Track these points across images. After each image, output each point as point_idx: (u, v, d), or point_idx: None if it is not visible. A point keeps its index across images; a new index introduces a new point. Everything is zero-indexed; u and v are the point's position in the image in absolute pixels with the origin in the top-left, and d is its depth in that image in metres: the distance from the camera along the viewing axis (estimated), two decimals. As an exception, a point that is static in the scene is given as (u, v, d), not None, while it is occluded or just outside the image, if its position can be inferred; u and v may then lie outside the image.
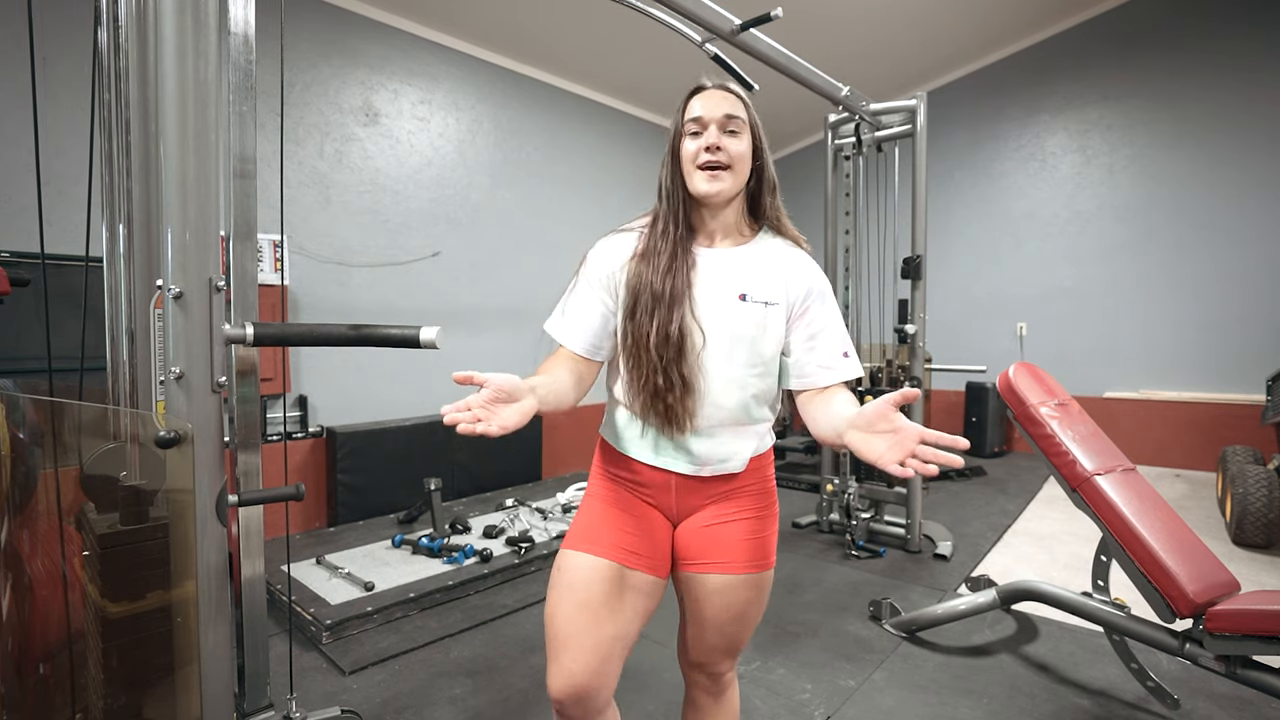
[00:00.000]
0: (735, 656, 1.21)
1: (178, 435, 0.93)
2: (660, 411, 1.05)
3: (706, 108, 1.06)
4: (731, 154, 1.05)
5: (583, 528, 1.13)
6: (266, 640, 1.54)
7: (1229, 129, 4.82)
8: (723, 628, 1.13)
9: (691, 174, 1.06)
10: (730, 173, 1.06)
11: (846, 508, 3.35)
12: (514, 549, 3.00)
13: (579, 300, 1.12)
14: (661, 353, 1.03)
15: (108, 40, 1.12)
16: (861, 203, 3.60)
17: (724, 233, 1.12)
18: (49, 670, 1.15)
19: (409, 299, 4.25)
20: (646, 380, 1.05)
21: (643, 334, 1.04)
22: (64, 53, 2.86)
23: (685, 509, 1.13)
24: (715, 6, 2.24)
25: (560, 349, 1.11)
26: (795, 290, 1.10)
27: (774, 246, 1.13)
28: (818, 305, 1.11)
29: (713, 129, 1.05)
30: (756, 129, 1.10)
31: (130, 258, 1.05)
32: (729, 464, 1.10)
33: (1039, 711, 1.88)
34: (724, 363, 1.06)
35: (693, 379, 1.04)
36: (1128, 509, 1.80)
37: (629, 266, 1.09)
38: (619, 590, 1.06)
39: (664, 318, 1.03)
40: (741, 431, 1.11)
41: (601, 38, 4.72)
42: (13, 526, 1.13)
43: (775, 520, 1.18)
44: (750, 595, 1.12)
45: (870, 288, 3.81)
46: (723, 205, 1.09)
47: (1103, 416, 4.45)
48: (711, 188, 1.05)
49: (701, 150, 1.05)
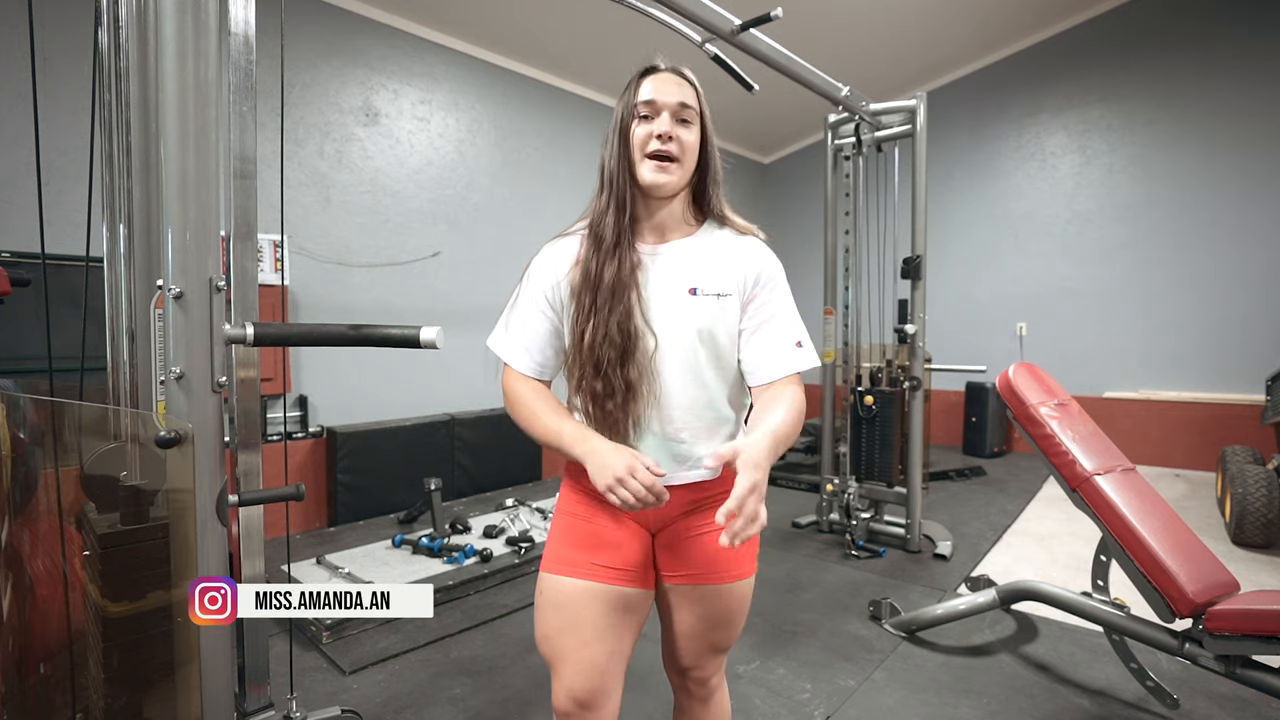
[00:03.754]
0: (721, 659, 1.17)
1: (178, 435, 0.92)
2: (599, 417, 1.01)
3: (660, 91, 1.01)
4: (683, 145, 1.01)
5: (558, 548, 1.09)
6: (266, 640, 1.54)
7: (1229, 129, 4.82)
8: (705, 635, 1.11)
9: (641, 162, 1.01)
10: (679, 165, 1.01)
11: (846, 508, 3.35)
12: (514, 549, 3.00)
13: (523, 318, 1.07)
14: (601, 355, 0.98)
15: (108, 40, 1.12)
16: (861, 203, 3.60)
17: (670, 225, 1.07)
18: (49, 670, 1.15)
19: (409, 299, 4.25)
20: (583, 385, 1.01)
21: (579, 335, 1.00)
22: (64, 53, 2.86)
23: (661, 519, 1.08)
24: (715, 6, 2.24)
25: (507, 369, 1.08)
26: (745, 278, 1.04)
27: (721, 237, 1.08)
28: (766, 292, 1.05)
29: (665, 116, 1.00)
30: (706, 119, 1.05)
31: (130, 258, 1.05)
32: (701, 470, 1.05)
33: (1039, 711, 1.88)
34: (681, 362, 1.01)
35: (637, 384, 0.99)
36: (1127, 509, 1.80)
37: (573, 272, 1.04)
38: (604, 609, 1.03)
39: (605, 318, 0.98)
40: (711, 433, 1.05)
41: (601, 38, 4.72)
42: (13, 526, 1.13)
43: None
44: (732, 604, 1.10)
45: (870, 288, 3.81)
46: (669, 196, 1.04)
47: (1103, 416, 4.45)
48: (659, 178, 1.00)
49: (652, 137, 1.00)
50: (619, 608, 1.04)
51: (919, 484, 3.24)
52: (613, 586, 1.04)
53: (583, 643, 1.01)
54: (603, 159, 1.05)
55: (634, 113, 1.02)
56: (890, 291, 3.72)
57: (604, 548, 1.05)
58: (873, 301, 3.78)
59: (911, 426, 3.28)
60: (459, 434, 4.15)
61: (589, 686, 1.01)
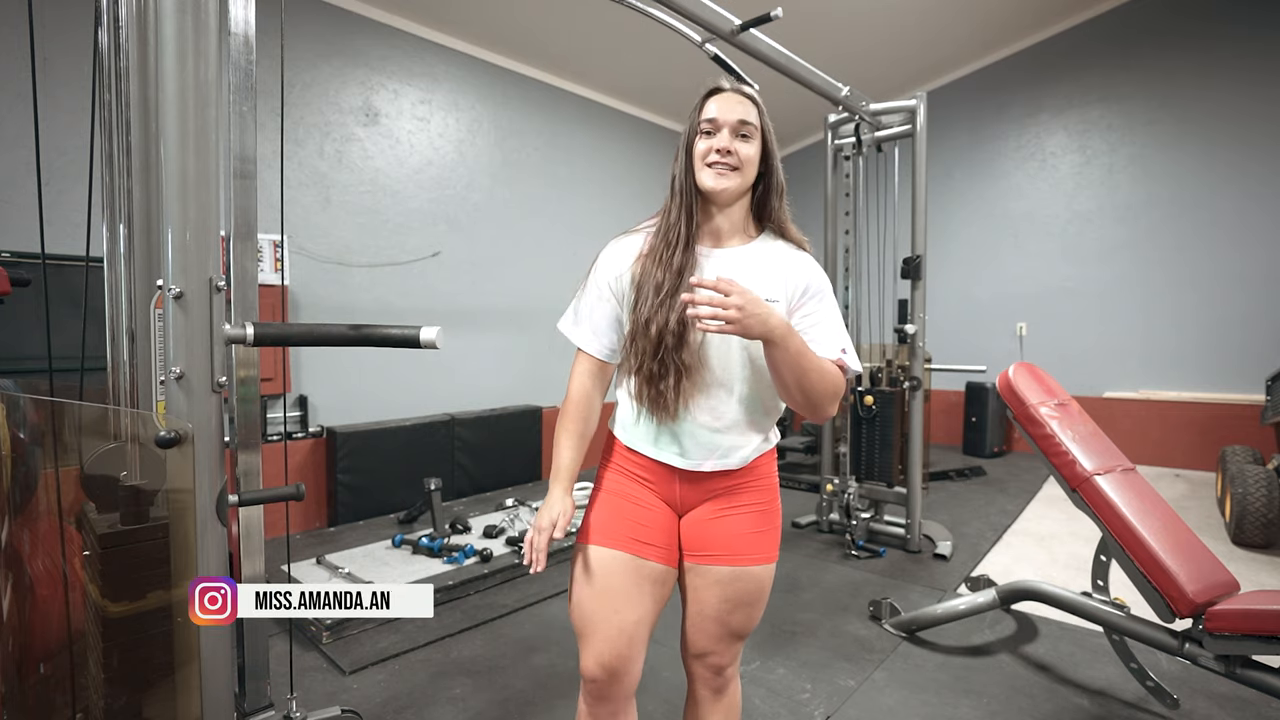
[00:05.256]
0: (737, 649, 1.22)
1: (178, 435, 0.93)
2: (652, 396, 1.10)
3: (722, 110, 1.11)
4: (741, 157, 1.10)
5: (596, 522, 1.18)
6: (266, 640, 1.54)
7: (1229, 129, 4.82)
8: (724, 619, 1.16)
9: (701, 170, 1.11)
10: (738, 173, 1.10)
11: (846, 507, 3.35)
12: (514, 549, 3.00)
13: (590, 305, 1.17)
14: (661, 339, 1.08)
15: (108, 40, 1.12)
16: (861, 203, 3.60)
17: (729, 231, 1.16)
18: (49, 670, 1.15)
19: (409, 299, 4.25)
20: (643, 365, 1.10)
21: (643, 321, 1.09)
22: (64, 53, 2.86)
23: (689, 502, 1.17)
24: (715, 6, 2.24)
25: (580, 353, 1.19)
26: (794, 287, 1.13)
27: (776, 248, 1.17)
28: (814, 303, 1.14)
29: (725, 132, 1.10)
30: (768, 134, 1.14)
31: (130, 258, 1.05)
32: (730, 460, 1.14)
33: (1039, 711, 1.88)
34: (725, 357, 1.11)
35: (691, 367, 1.09)
36: (1127, 509, 1.80)
37: (636, 265, 1.14)
38: (635, 579, 1.13)
39: (666, 308, 1.07)
40: (745, 428, 1.14)
41: (602, 38, 4.72)
42: (13, 526, 1.13)
43: (778, 516, 1.20)
44: (751, 588, 1.16)
45: (870, 288, 3.81)
46: (729, 203, 1.13)
47: (1103, 416, 4.45)
48: (718, 184, 1.09)
49: (712, 150, 1.10)
50: (648, 579, 1.14)
51: (919, 484, 3.24)
52: (643, 560, 1.13)
53: (614, 610, 1.11)
54: (673, 171, 1.16)
55: (698, 129, 1.12)
56: (890, 291, 3.72)
57: (638, 524, 1.15)
58: (873, 301, 3.78)
59: (911, 426, 3.28)
60: (459, 434, 4.15)
61: (616, 653, 1.10)
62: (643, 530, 1.14)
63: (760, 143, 1.13)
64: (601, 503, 1.20)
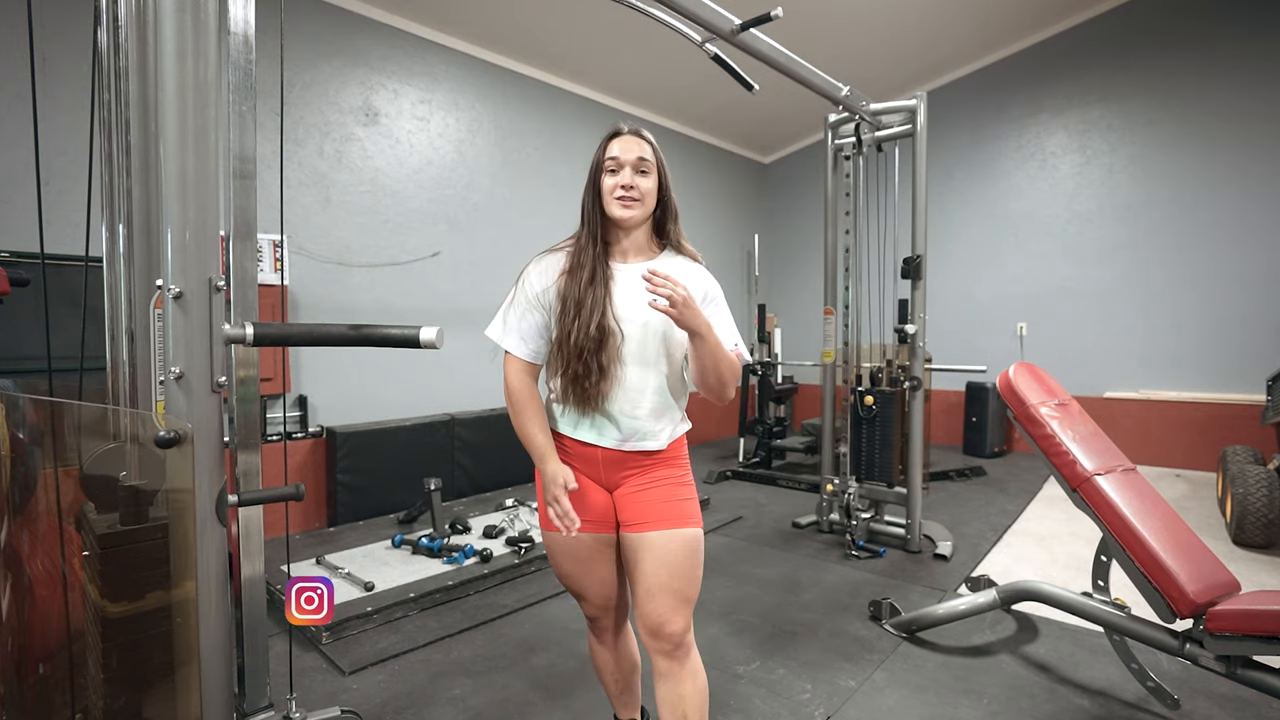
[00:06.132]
0: (687, 617, 1.34)
1: (177, 435, 0.92)
2: (577, 394, 1.30)
3: (623, 150, 1.32)
4: (641, 190, 1.32)
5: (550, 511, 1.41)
6: (266, 640, 1.54)
7: (1229, 129, 4.82)
8: (664, 581, 1.31)
9: (610, 203, 1.32)
10: (640, 204, 1.32)
11: (846, 508, 3.35)
12: (514, 549, 3.00)
13: (519, 315, 1.36)
14: (582, 346, 1.27)
15: (108, 40, 1.12)
16: (861, 203, 3.60)
17: (635, 250, 1.38)
18: (49, 670, 1.15)
19: (409, 299, 4.25)
20: (568, 368, 1.29)
21: (566, 332, 1.29)
22: (64, 52, 2.86)
23: (614, 479, 1.37)
24: (715, 6, 2.24)
25: (509, 356, 1.37)
26: (696, 295, 1.31)
27: (677, 262, 1.40)
28: (713, 306, 1.36)
29: (627, 170, 1.31)
30: (662, 168, 1.36)
31: (130, 258, 1.05)
32: (648, 442, 1.34)
33: (1039, 711, 1.88)
34: (640, 354, 1.31)
35: (609, 367, 1.28)
36: (1128, 509, 1.80)
37: (559, 281, 1.34)
38: (596, 548, 1.40)
39: (586, 319, 1.27)
40: (660, 413, 1.34)
41: (602, 38, 4.72)
42: (13, 526, 1.13)
43: (692, 488, 1.41)
44: (680, 548, 1.32)
45: (870, 288, 3.81)
46: (634, 228, 1.35)
47: (1103, 416, 4.45)
48: (625, 213, 1.31)
49: (618, 186, 1.31)
50: (604, 544, 1.41)
51: (919, 484, 3.24)
52: (597, 534, 1.39)
53: (590, 572, 1.42)
54: (583, 200, 1.38)
55: (604, 167, 1.33)
56: (890, 291, 3.72)
57: (584, 507, 1.36)
58: (873, 301, 3.78)
59: (911, 426, 3.28)
60: (459, 434, 4.14)
61: (604, 596, 1.45)
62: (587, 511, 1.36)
63: (656, 176, 1.34)
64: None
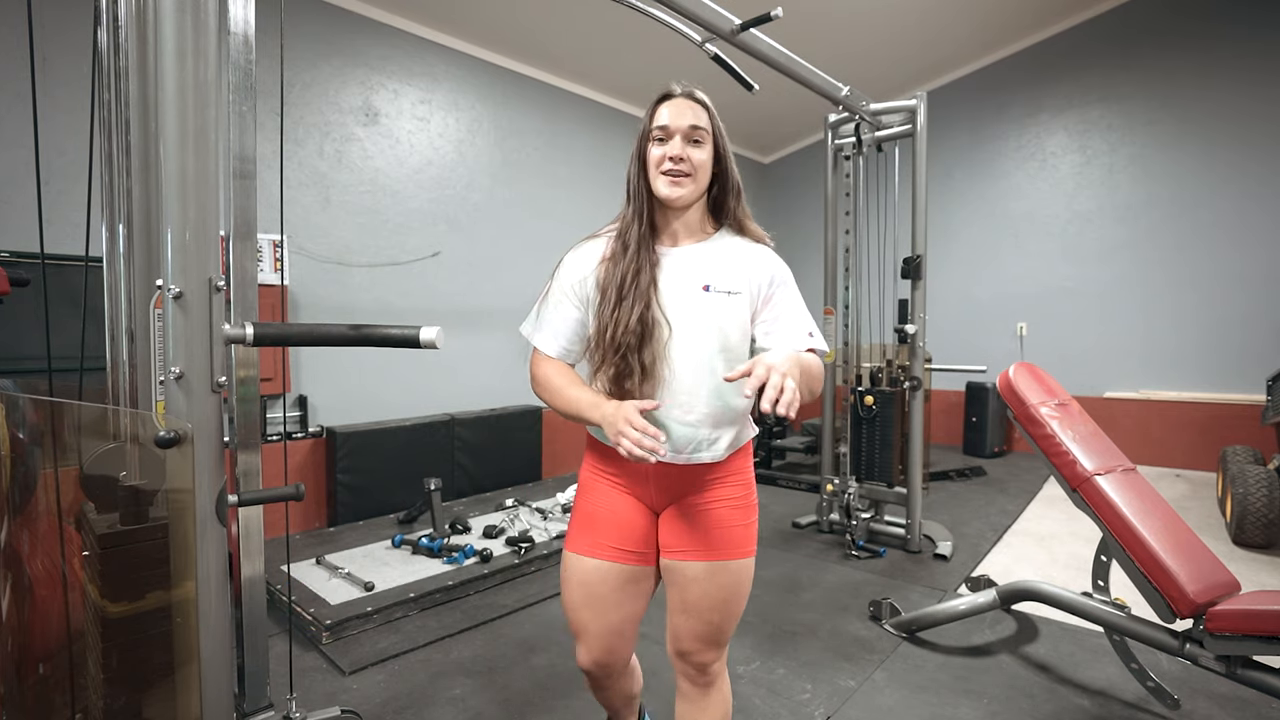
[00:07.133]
0: (720, 649, 1.23)
1: (177, 435, 0.92)
2: (619, 396, 1.13)
3: (673, 116, 1.13)
4: (694, 163, 1.13)
5: (578, 529, 1.24)
6: (266, 640, 1.54)
7: (1229, 129, 4.82)
8: (704, 615, 1.18)
9: (656, 178, 1.14)
10: (691, 179, 1.13)
11: (846, 508, 3.34)
12: (514, 549, 3.00)
13: (552, 308, 1.22)
14: (622, 341, 1.11)
15: (108, 40, 1.12)
16: (861, 203, 3.60)
17: (686, 232, 1.20)
18: (49, 670, 1.15)
19: (409, 299, 4.25)
20: (607, 364, 1.13)
21: (605, 324, 1.13)
22: (64, 52, 2.86)
23: (664, 498, 1.20)
24: (715, 6, 2.24)
25: (537, 354, 1.24)
26: (758, 279, 1.17)
27: (735, 243, 1.21)
28: (781, 290, 1.18)
29: (677, 139, 1.13)
30: (720, 137, 1.18)
31: (130, 258, 1.05)
32: (704, 454, 1.16)
33: (1039, 711, 1.88)
34: (692, 350, 1.13)
35: (654, 366, 1.12)
36: (1128, 509, 1.80)
37: (599, 269, 1.18)
38: (618, 583, 1.20)
39: (628, 310, 1.11)
40: (718, 419, 1.15)
41: (602, 38, 4.72)
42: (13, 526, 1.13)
43: (754, 510, 1.23)
44: (729, 582, 1.17)
45: (870, 288, 3.81)
46: (684, 207, 1.17)
47: (1103, 416, 4.45)
48: (673, 192, 1.13)
49: (665, 158, 1.13)
50: (630, 580, 1.21)
51: (919, 484, 3.24)
52: (624, 565, 1.20)
53: (600, 614, 1.21)
54: (628, 173, 1.19)
55: (651, 136, 1.15)
56: (890, 291, 3.72)
57: (616, 529, 1.20)
58: (873, 301, 3.78)
59: (911, 426, 3.28)
60: (459, 434, 4.14)
61: (606, 647, 1.22)
62: (621, 536, 1.20)
63: (713, 146, 1.16)
64: (583, 511, 1.25)
